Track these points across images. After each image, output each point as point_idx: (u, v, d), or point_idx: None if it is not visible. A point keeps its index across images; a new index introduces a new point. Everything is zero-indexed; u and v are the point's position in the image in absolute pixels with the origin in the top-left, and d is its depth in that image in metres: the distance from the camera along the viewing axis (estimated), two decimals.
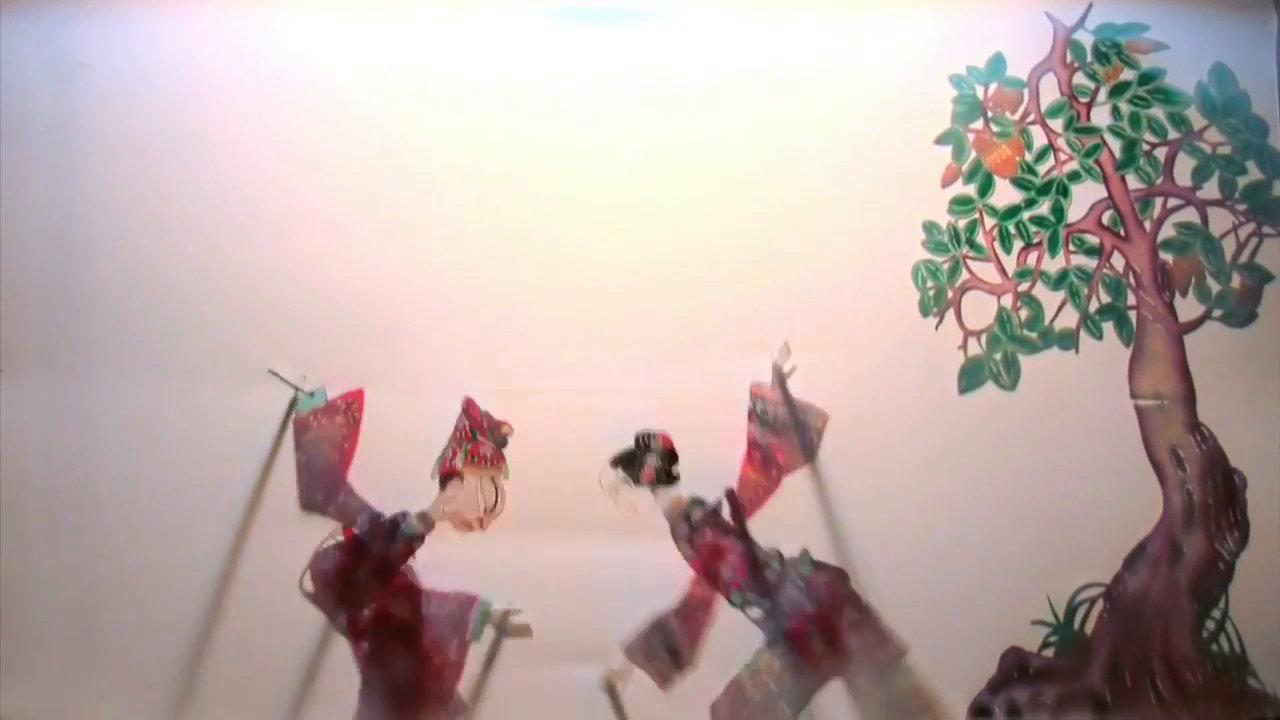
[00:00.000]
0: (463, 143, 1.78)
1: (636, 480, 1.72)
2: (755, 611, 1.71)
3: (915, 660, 1.70)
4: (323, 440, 1.73)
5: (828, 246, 1.76)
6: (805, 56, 1.80)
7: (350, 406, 1.74)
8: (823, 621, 1.70)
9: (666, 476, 1.72)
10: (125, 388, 1.73)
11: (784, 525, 1.72)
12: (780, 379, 1.74)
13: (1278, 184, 1.79)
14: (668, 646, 1.69)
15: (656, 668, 1.69)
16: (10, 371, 1.74)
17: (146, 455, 1.72)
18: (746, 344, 1.75)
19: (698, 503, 1.72)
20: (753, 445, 1.74)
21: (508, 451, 1.73)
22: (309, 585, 1.70)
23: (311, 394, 1.73)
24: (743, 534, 1.71)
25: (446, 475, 1.73)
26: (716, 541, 1.71)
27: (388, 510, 1.73)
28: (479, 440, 1.73)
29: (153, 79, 1.78)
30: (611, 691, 1.69)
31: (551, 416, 1.73)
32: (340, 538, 1.71)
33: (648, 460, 1.72)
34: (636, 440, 1.73)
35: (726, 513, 1.72)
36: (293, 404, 1.73)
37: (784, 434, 1.73)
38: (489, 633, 1.69)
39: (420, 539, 1.72)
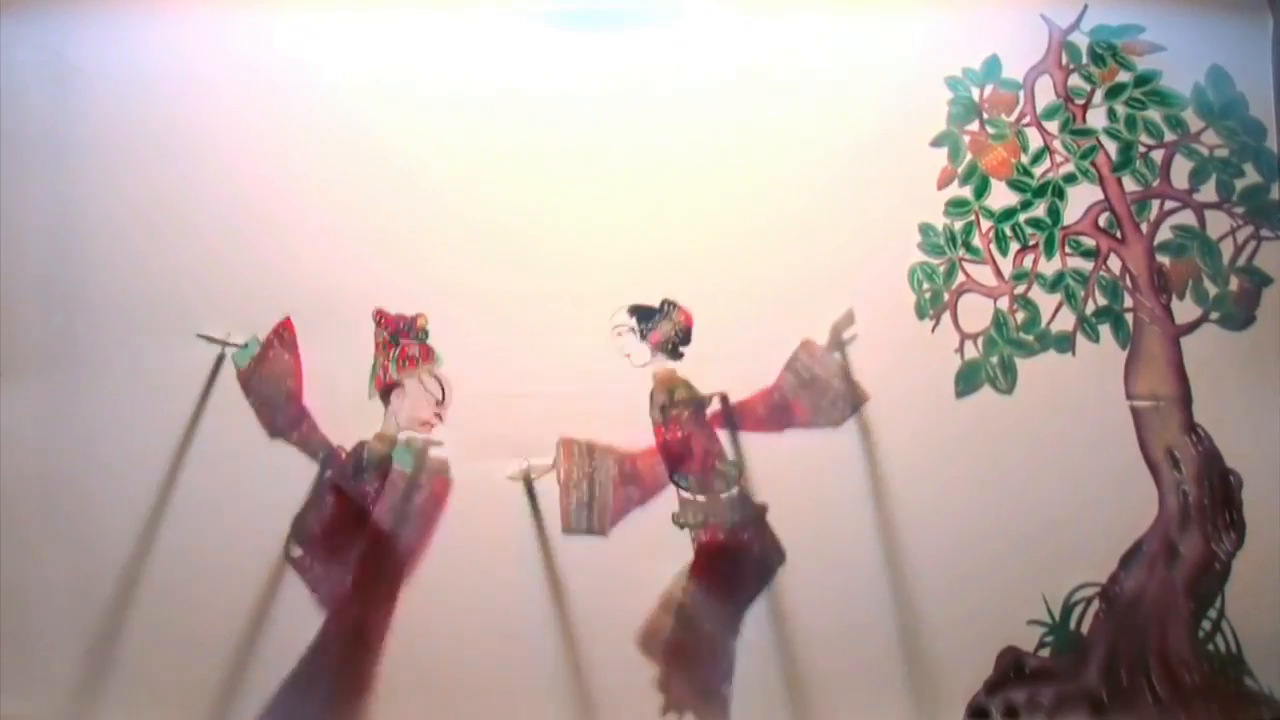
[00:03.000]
0: (458, 146, 1.78)
1: (644, 335, 1.75)
2: (689, 496, 1.73)
3: (913, 660, 1.71)
4: (269, 375, 1.74)
5: (824, 248, 1.77)
6: (801, 60, 1.80)
7: (283, 335, 1.75)
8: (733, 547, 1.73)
9: (672, 349, 1.75)
10: (123, 390, 1.74)
11: (782, 526, 1.73)
12: (839, 343, 1.75)
13: (1276, 187, 1.79)
14: (590, 504, 1.72)
15: (579, 517, 1.72)
16: (9, 375, 1.74)
17: (144, 458, 1.73)
18: (743, 349, 1.75)
19: (689, 386, 1.74)
20: (775, 389, 1.75)
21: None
22: (295, 551, 1.72)
23: (244, 345, 1.75)
24: (713, 436, 1.74)
25: (385, 389, 1.75)
26: (689, 426, 1.73)
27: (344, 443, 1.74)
28: (402, 343, 1.74)
29: (147, 83, 1.79)
30: (527, 484, 1.73)
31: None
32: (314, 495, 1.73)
33: (662, 325, 1.74)
34: (661, 303, 1.75)
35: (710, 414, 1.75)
36: (219, 361, 1.74)
37: (810, 394, 1.74)
38: None
39: (388, 461, 1.73)
